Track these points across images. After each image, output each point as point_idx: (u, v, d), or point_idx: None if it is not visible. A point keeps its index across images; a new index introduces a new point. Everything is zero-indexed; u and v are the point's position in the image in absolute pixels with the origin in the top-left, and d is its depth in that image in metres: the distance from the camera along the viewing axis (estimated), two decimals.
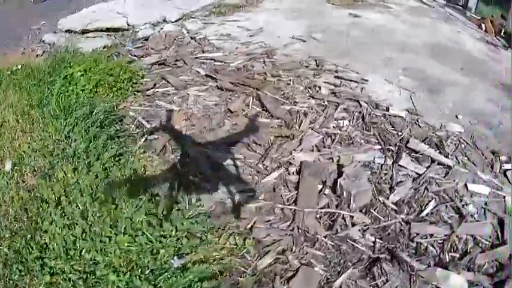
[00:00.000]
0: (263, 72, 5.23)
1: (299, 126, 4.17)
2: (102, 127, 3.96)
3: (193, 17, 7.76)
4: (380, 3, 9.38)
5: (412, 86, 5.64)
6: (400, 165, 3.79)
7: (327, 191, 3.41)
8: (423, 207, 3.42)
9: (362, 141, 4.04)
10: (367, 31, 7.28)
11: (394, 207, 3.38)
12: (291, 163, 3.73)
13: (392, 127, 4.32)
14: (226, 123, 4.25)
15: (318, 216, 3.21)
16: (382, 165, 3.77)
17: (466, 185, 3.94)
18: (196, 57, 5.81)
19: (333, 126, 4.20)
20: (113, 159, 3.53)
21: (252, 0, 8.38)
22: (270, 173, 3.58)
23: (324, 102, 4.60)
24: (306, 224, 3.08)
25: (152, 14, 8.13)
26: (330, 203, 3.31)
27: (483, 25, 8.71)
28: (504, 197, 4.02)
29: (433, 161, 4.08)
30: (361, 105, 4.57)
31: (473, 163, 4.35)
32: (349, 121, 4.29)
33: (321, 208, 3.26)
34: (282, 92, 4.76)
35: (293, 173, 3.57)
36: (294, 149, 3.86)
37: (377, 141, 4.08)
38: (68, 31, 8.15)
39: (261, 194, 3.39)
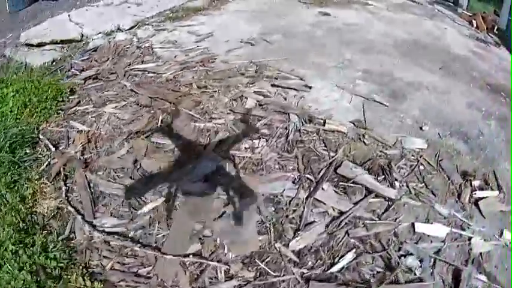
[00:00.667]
0: (190, 84, 4.43)
1: (204, 148, 3.09)
2: (13, 151, 3.55)
3: (147, 24, 6.81)
4: (360, 0, 8.11)
5: (370, 92, 4.48)
6: (317, 200, 2.65)
7: (207, 231, 2.65)
8: (337, 259, 2.49)
9: (276, 166, 2.98)
10: (333, 30, 6.14)
11: (293, 257, 2.54)
12: (176, 194, 2.96)
13: (325, 146, 3.17)
14: (125, 145, 3.52)
15: (185, 263, 2.48)
16: (292, 199, 2.63)
17: (413, 225, 2.77)
18: (131, 69, 5.06)
19: (245, 148, 3.09)
20: (6, 187, 3.15)
21: (216, 3, 7.30)
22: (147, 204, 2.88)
23: (232, 119, 3.60)
24: (166, 273, 2.42)
25: (107, 22, 7.21)
26: (202, 249, 2.56)
27: (474, 21, 7.57)
28: (470, 239, 2.83)
29: (369, 191, 2.91)
30: (289, 119, 3.37)
31: (432, 192, 3.18)
32: (268, 140, 3.14)
33: (188, 255, 2.53)
34: (202, 107, 4.00)
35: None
36: (182, 178, 3.06)
37: (297, 166, 2.90)
38: (27, 44, 7.31)
39: (132, 231, 2.73)
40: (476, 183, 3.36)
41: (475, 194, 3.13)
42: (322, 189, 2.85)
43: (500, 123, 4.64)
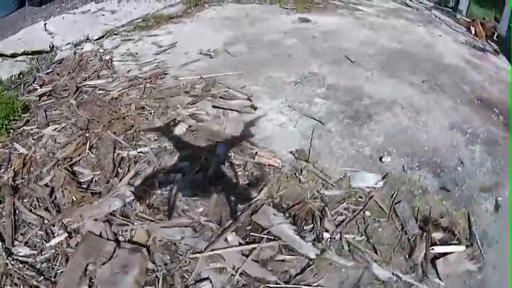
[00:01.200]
0: (130, 104, 3.94)
1: (120, 181, 2.90)
2: None
3: (115, 34, 6.23)
4: (349, 5, 7.30)
5: (328, 113, 3.71)
6: (217, 253, 2.02)
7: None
8: None
9: (185, 207, 2.70)
10: (307, 39, 5.37)
11: None
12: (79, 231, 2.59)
13: (248, 185, 2.48)
14: (51, 173, 3.15)
15: None
16: (189, 249, 2.13)
17: None
18: (84, 85, 4.59)
19: (159, 183, 2.55)
20: None
21: (192, 9, 6.66)
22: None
23: (169, 146, 3.22)
24: None
25: (78, 32, 6.68)
26: None
27: (472, 28, 6.71)
28: None
29: (283, 247, 2.19)
30: (215, 150, 2.73)
31: (373, 246, 2.39)
32: (185, 175, 2.68)
33: None
34: (132, 131, 3.49)
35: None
36: (90, 215, 2.65)
37: (207, 209, 2.35)
38: (1, 55, 6.87)
39: (39, 263, 2.45)
40: (437, 235, 2.55)
41: (432, 249, 2.32)
42: (226, 240, 2.14)
43: (488, 148, 3.79)
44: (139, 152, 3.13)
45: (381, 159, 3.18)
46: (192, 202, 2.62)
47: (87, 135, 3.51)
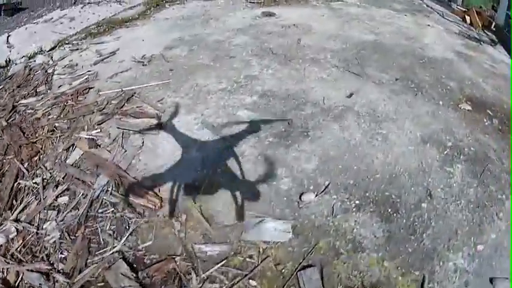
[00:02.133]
0: (46, 125, 3.24)
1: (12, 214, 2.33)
2: None
3: (67, 43, 5.38)
4: None
5: (248, 130, 2.69)
6: None
7: None
8: None
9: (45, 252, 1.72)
10: (260, 36, 4.32)
11: None
12: None
13: (113, 232, 1.61)
14: None
15: None
16: None
17: None
18: (20, 103, 3.88)
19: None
20: None
21: (152, 10, 5.74)
22: None
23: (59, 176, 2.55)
24: None
25: (34, 44, 5.88)
26: None
27: (467, 17, 5.58)
28: None
29: None
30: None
31: None
32: (59, 213, 2.26)
33: None
34: (37, 158, 2.85)
35: None
36: None
37: None
38: None
39: None
40: None
41: None
42: None
43: (474, 167, 2.68)
44: (34, 183, 2.48)
45: (300, 197, 2.10)
46: (59, 245, 2.01)
47: (4, 161, 2.87)
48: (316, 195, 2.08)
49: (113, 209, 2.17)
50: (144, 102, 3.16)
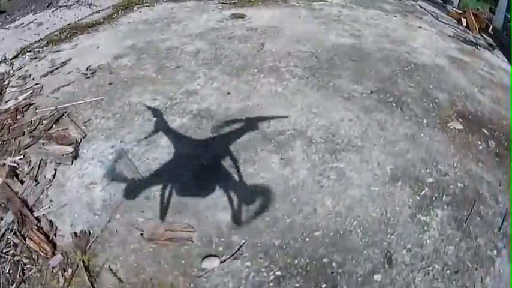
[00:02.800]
0: None
1: None
2: None
3: (29, 51, 4.77)
4: None
5: (162, 164, 1.90)
6: None
7: None
8: None
9: None
10: (219, 42, 3.64)
11: None
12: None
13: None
14: None
15: None
16: None
17: None
18: None
19: None
20: None
21: (119, 14, 5.08)
22: None
23: None
24: None
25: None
26: None
27: (464, 19, 4.80)
28: None
29: None
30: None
31: None
32: None
33: None
34: None
35: None
36: None
37: None
38: None
39: None
40: None
41: None
42: None
43: (459, 212, 1.98)
44: None
45: (202, 261, 1.39)
46: None
47: None
48: (221, 262, 1.37)
49: (13, 250, 1.77)
50: (71, 124, 2.53)
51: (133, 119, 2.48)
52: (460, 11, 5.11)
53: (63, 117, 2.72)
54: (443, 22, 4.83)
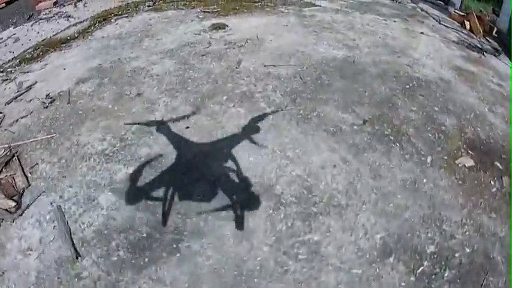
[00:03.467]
0: None
1: None
2: None
3: (1, 71, 4.36)
4: (306, 0, 4.82)
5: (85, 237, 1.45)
6: None
7: None
8: None
9: None
10: (192, 59, 3.19)
11: None
12: None
13: None
14: None
15: None
16: None
17: None
18: None
19: None
20: None
21: (93, 28, 4.65)
22: None
23: None
24: None
25: None
26: None
27: (467, 23, 4.34)
28: None
29: None
30: None
31: None
32: None
33: None
34: None
35: None
36: None
37: None
38: None
39: None
40: None
41: None
42: None
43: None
44: None
45: None
46: None
47: None
48: None
49: None
50: (18, 168, 2.10)
51: (76, 167, 2.03)
52: (462, 14, 4.62)
53: (14, 158, 2.31)
54: (446, 26, 4.28)
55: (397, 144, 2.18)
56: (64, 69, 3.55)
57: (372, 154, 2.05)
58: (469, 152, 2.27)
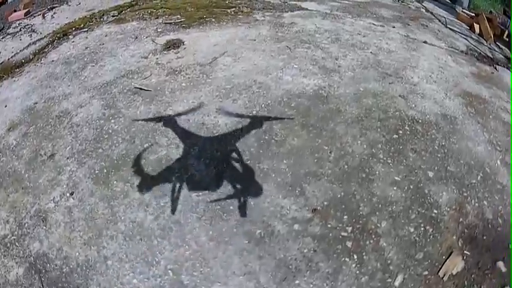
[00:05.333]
0: None
1: None
2: None
3: None
4: (287, 3, 3.93)
5: None
6: None
7: None
8: None
9: None
10: (121, 101, 2.49)
11: None
12: None
13: None
14: None
15: None
16: None
17: None
18: None
19: None
20: None
21: (52, 45, 4.05)
22: None
23: None
24: None
25: None
26: None
27: (476, 26, 3.62)
28: None
29: None
30: None
31: None
32: None
33: None
34: None
35: None
36: None
37: None
38: None
39: None
40: None
41: None
42: None
43: None
44: None
45: None
46: None
47: None
48: None
49: None
50: None
51: None
52: (471, 14, 3.91)
53: None
54: (454, 30, 3.36)
55: (355, 257, 1.40)
56: (5, 106, 2.97)
57: (310, 281, 1.29)
58: (464, 248, 1.45)
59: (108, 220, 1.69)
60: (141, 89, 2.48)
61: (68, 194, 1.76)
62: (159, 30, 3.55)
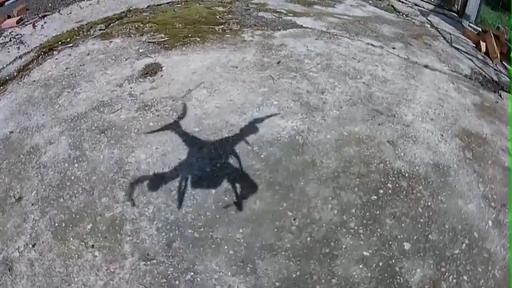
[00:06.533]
0: None
1: None
2: None
3: None
4: (281, 19, 3.85)
5: None
6: None
7: None
8: None
9: None
10: (87, 141, 2.43)
11: None
12: None
13: None
14: None
15: None
16: None
17: None
18: None
19: None
20: None
21: (37, 61, 4.12)
22: None
23: None
24: None
25: None
26: None
27: (483, 44, 3.53)
28: None
29: None
30: None
31: None
32: None
33: None
34: None
35: None
36: None
37: None
38: None
39: None
40: None
41: None
42: None
43: None
44: None
45: None
46: None
47: None
48: None
49: None
50: None
51: None
52: (478, 29, 3.82)
53: None
54: (459, 49, 3.15)
55: None
56: None
57: None
58: None
59: (63, 280, 1.68)
60: (108, 129, 2.44)
61: (30, 246, 1.76)
62: (140, 50, 3.50)
